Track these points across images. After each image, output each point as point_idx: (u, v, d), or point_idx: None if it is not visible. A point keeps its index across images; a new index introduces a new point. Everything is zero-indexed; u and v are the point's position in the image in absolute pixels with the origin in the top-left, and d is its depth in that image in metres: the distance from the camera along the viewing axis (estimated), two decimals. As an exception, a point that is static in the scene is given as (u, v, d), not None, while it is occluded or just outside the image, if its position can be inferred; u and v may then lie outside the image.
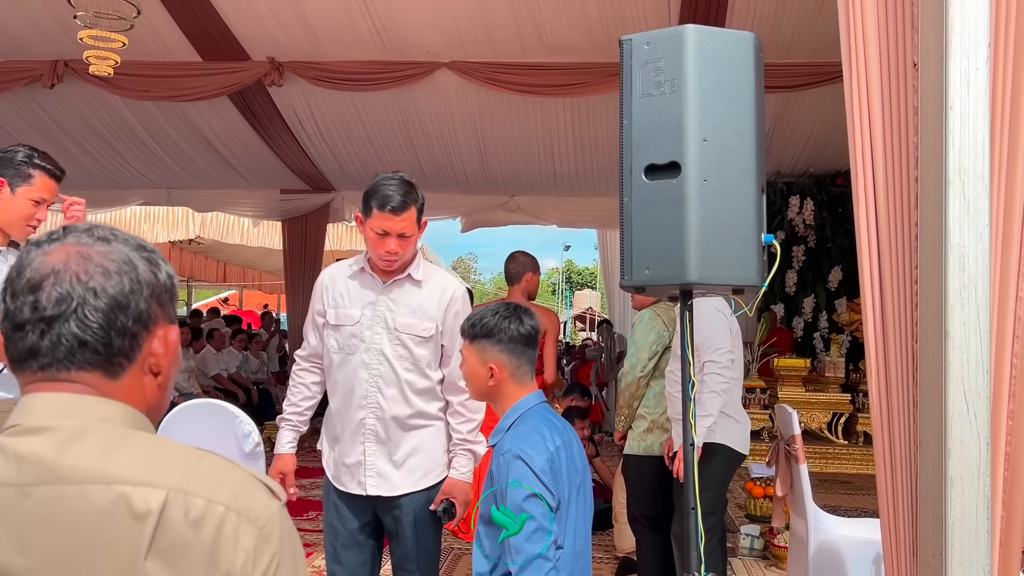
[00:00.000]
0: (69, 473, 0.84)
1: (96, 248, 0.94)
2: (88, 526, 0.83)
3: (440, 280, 2.61)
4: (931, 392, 1.75)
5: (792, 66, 5.78)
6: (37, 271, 0.91)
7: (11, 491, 0.83)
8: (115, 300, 0.92)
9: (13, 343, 0.91)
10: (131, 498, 0.84)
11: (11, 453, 0.85)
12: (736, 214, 1.68)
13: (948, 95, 1.71)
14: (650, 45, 1.69)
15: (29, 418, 0.89)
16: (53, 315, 0.89)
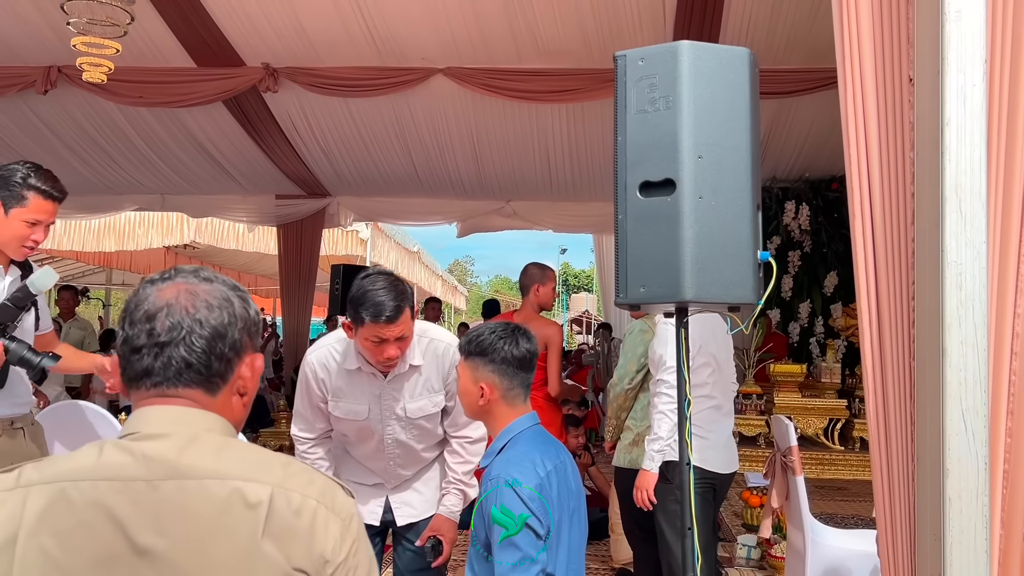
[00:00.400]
0: (190, 470, 1.02)
1: (201, 286, 1.13)
2: (211, 512, 1.00)
3: (436, 349, 2.52)
4: (929, 410, 1.73)
5: (787, 72, 5.78)
6: (153, 304, 1.09)
7: (142, 485, 1.00)
8: (216, 330, 1.10)
9: (131, 364, 1.09)
10: (244, 491, 1.02)
11: (139, 454, 1.02)
12: (731, 231, 1.67)
13: (944, 111, 1.70)
14: (645, 61, 1.68)
15: (147, 426, 1.06)
16: (166, 341, 1.08)
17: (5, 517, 0.98)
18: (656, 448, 2.97)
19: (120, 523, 0.98)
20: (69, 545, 0.97)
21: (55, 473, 1.01)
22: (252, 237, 11.13)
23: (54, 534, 0.97)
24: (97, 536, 0.98)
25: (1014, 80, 1.74)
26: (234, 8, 5.51)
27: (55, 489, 0.99)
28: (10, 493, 1.00)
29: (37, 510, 0.98)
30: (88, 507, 0.99)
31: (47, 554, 0.97)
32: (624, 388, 3.39)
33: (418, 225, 9.98)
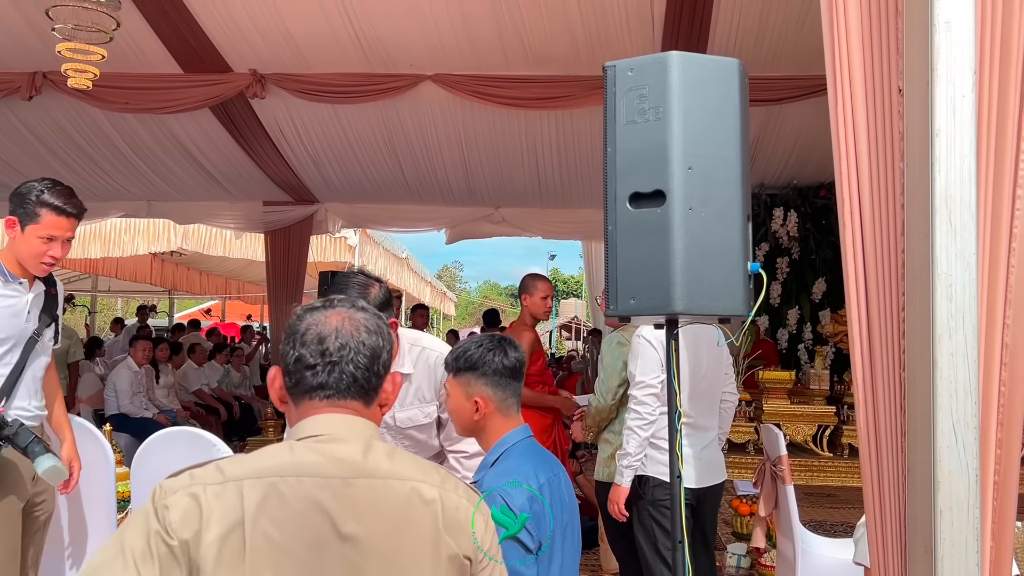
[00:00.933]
0: (375, 471, 1.23)
1: (359, 315, 1.34)
2: (398, 507, 1.22)
3: (427, 359, 2.52)
4: (919, 422, 1.73)
5: (776, 79, 5.79)
6: (323, 328, 1.31)
7: (339, 481, 1.20)
8: (374, 351, 1.32)
9: (304, 378, 1.29)
10: (419, 490, 1.24)
11: (329, 455, 1.22)
12: (721, 243, 1.66)
13: (934, 121, 1.69)
14: (634, 72, 1.67)
15: (327, 430, 1.26)
16: (337, 360, 1.29)
17: (228, 506, 1.15)
18: (625, 464, 2.97)
19: (327, 513, 1.18)
20: (288, 530, 1.15)
21: (258, 469, 1.19)
22: (239, 244, 11.07)
23: (274, 522, 1.15)
24: (310, 524, 1.17)
25: (1003, 90, 1.74)
26: (221, 14, 5.48)
27: (266, 483, 1.17)
28: (222, 486, 1.16)
29: (256, 501, 1.16)
30: (299, 500, 1.17)
31: (271, 538, 1.14)
32: (608, 403, 3.36)
33: (406, 231, 9.95)
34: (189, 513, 1.14)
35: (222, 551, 1.12)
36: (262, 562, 1.14)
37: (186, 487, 1.16)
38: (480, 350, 1.97)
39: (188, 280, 15.07)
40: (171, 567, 1.11)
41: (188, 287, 15.42)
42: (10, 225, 2.55)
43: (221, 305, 19.38)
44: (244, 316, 18.78)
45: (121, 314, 18.94)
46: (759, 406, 7.55)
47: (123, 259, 12.37)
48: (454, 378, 2.01)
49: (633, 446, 2.94)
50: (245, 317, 18.55)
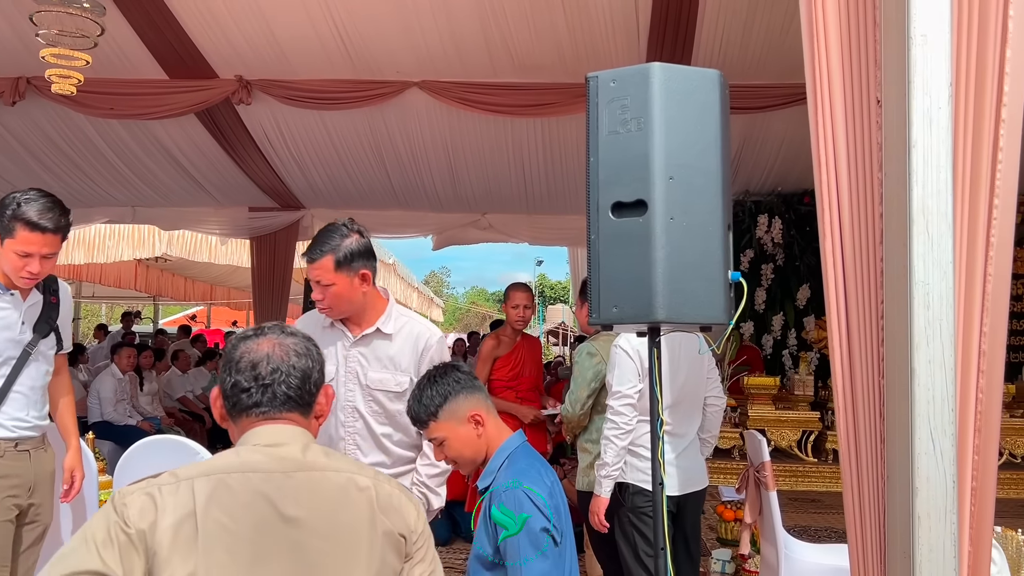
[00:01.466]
0: (313, 465, 1.38)
1: (288, 340, 1.49)
2: (335, 492, 1.37)
3: (413, 329, 2.57)
4: (898, 429, 1.75)
5: (760, 87, 5.84)
6: (255, 355, 1.45)
7: (280, 475, 1.34)
8: (304, 372, 1.47)
9: (240, 400, 1.43)
10: (355, 479, 1.40)
11: (271, 455, 1.37)
12: (702, 252, 1.68)
13: (911, 133, 1.72)
14: (616, 83, 1.68)
15: (268, 439, 1.40)
16: (268, 382, 1.43)
17: (182, 499, 1.28)
18: (604, 474, 2.99)
19: (270, 500, 1.31)
20: (235, 516, 1.29)
21: (207, 468, 1.33)
22: (225, 250, 11.03)
23: (223, 509, 1.28)
24: (256, 510, 1.30)
25: (979, 102, 1.77)
26: (206, 20, 5.47)
27: (215, 479, 1.31)
28: (177, 484, 1.30)
29: (206, 493, 1.29)
30: (245, 491, 1.31)
31: (221, 524, 1.27)
32: (577, 414, 3.37)
33: (393, 238, 9.94)
34: (145, 507, 1.26)
35: (176, 536, 1.25)
36: (213, 544, 1.26)
37: (141, 489, 1.30)
38: (449, 375, 2.03)
39: (173, 286, 14.99)
40: (129, 552, 1.23)
41: (173, 293, 15.34)
42: None
43: (206, 311, 19.29)
44: (230, 322, 18.70)
45: (105, 320, 18.80)
46: (744, 412, 7.59)
47: (107, 265, 12.29)
48: (441, 415, 2.01)
49: (611, 456, 2.95)
50: (231, 323, 18.47)
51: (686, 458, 3.08)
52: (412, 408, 2.06)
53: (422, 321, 2.66)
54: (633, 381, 2.94)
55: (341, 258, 2.43)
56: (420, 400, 2.03)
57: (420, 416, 2.04)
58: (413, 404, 2.05)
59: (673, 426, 3.03)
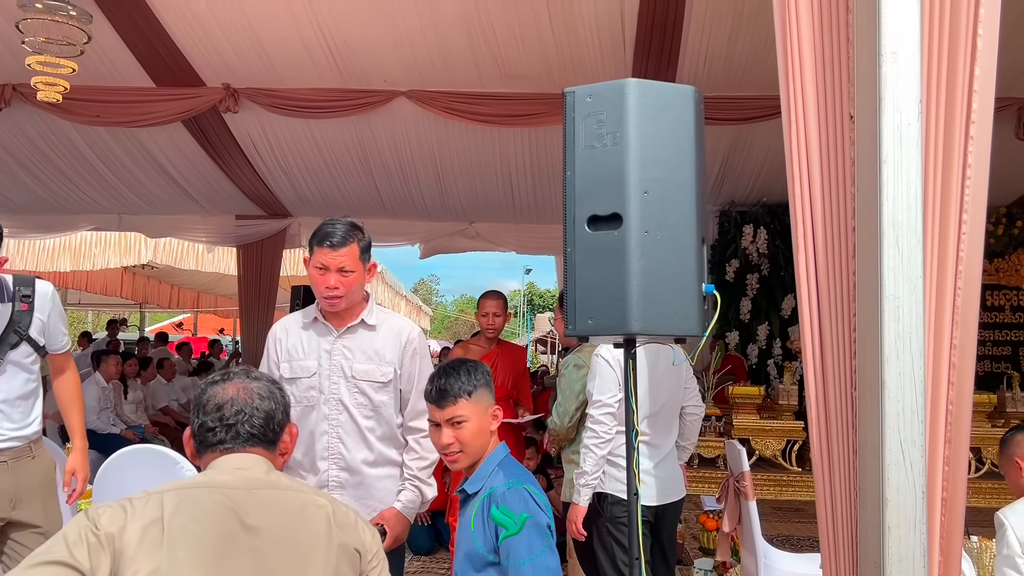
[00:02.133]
0: (276, 484, 1.51)
1: (253, 384, 1.61)
2: (295, 509, 1.48)
3: (395, 323, 2.63)
4: (869, 440, 1.77)
5: (744, 99, 5.90)
6: (220, 398, 1.57)
7: (243, 492, 1.45)
8: (267, 413, 1.59)
9: (207, 439, 1.56)
10: (313, 498, 1.52)
11: (237, 475, 1.49)
12: (676, 265, 1.70)
13: (882, 149, 1.75)
14: (592, 98, 1.71)
15: (233, 465, 1.52)
16: (232, 423, 1.56)
17: (151, 508, 1.38)
18: (582, 483, 3.01)
19: (234, 511, 1.41)
20: (201, 523, 1.38)
21: (176, 485, 1.44)
22: (211, 257, 11.00)
23: (188, 517, 1.38)
24: (219, 518, 1.39)
25: (949, 119, 1.80)
26: (193, 28, 5.48)
27: (183, 493, 1.41)
28: (148, 497, 1.40)
29: (173, 504, 1.39)
30: (210, 502, 1.41)
31: (186, 528, 1.36)
32: (565, 427, 3.36)
33: (380, 246, 9.94)
34: (116, 515, 1.37)
35: (143, 539, 1.34)
36: (178, 546, 1.35)
37: (116, 503, 1.40)
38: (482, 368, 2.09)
39: (159, 293, 14.93)
40: (97, 551, 1.32)
41: (159, 300, 15.27)
42: None
43: (193, 318, 19.21)
44: (216, 330, 18.62)
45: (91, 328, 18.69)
46: (729, 421, 7.62)
47: (93, 272, 12.24)
48: (474, 396, 2.05)
49: (590, 464, 2.97)
50: (217, 331, 18.39)
51: (664, 468, 3.10)
52: (449, 382, 2.06)
53: (401, 317, 2.73)
54: (613, 390, 2.95)
55: (363, 247, 2.54)
56: (460, 376, 2.06)
57: (454, 390, 2.05)
58: (450, 379, 2.06)
59: (651, 436, 3.05)
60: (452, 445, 2.07)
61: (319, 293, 2.52)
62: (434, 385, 2.08)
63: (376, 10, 5.17)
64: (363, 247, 2.53)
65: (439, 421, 2.08)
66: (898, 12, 1.73)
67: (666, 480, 3.09)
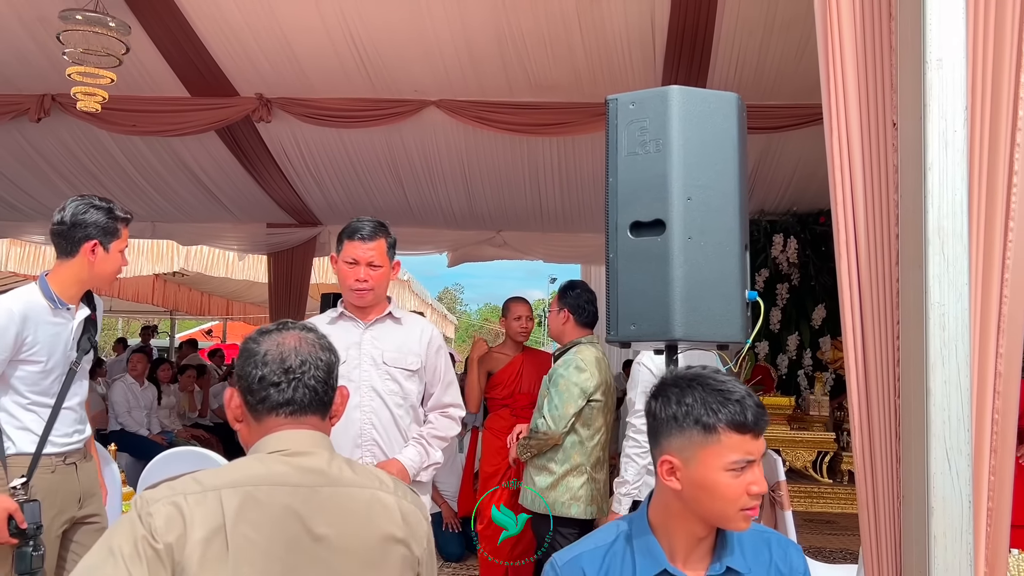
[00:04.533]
0: (339, 480, 1.36)
1: (310, 335, 1.47)
2: (362, 513, 1.36)
3: (417, 321, 2.77)
4: (914, 449, 1.76)
5: (775, 108, 5.86)
6: (282, 348, 1.42)
7: (306, 490, 1.32)
8: (329, 365, 1.46)
9: (270, 396, 1.39)
10: (379, 495, 1.40)
11: (296, 466, 1.34)
12: (720, 271, 1.70)
13: (927, 156, 1.74)
14: (635, 105, 1.72)
15: (293, 445, 1.37)
16: (299, 375, 1.40)
17: (209, 512, 1.24)
18: (623, 492, 3.00)
19: (299, 517, 1.29)
20: (265, 533, 1.26)
21: (233, 479, 1.29)
22: (242, 265, 11.12)
23: (252, 525, 1.25)
24: (285, 526, 1.28)
25: (994, 125, 1.79)
26: (228, 38, 5.56)
27: (242, 491, 1.27)
28: (202, 495, 1.25)
29: (234, 507, 1.25)
30: (273, 505, 1.28)
31: (251, 540, 1.24)
32: (560, 431, 3.23)
33: (409, 255, 9.99)
34: (172, 519, 1.22)
35: (206, 552, 1.21)
36: (243, 561, 1.23)
37: (167, 497, 1.25)
38: None
39: (190, 301, 15.10)
40: (157, 568, 1.19)
41: (189, 308, 15.45)
42: (90, 249, 2.57)
43: (222, 326, 19.40)
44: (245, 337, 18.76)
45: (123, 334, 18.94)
46: (759, 432, 7.55)
47: (126, 279, 12.42)
48: None
49: (631, 474, 2.96)
50: (246, 338, 18.52)
51: None
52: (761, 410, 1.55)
53: (419, 317, 2.87)
54: None
55: (391, 243, 2.66)
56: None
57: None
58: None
59: None
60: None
61: (348, 287, 2.60)
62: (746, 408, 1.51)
63: (407, 20, 5.22)
64: (390, 244, 2.65)
65: (755, 457, 1.53)
66: (944, 19, 1.73)
67: None
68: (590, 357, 3.34)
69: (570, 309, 3.50)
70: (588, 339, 3.47)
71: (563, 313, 3.51)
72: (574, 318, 3.49)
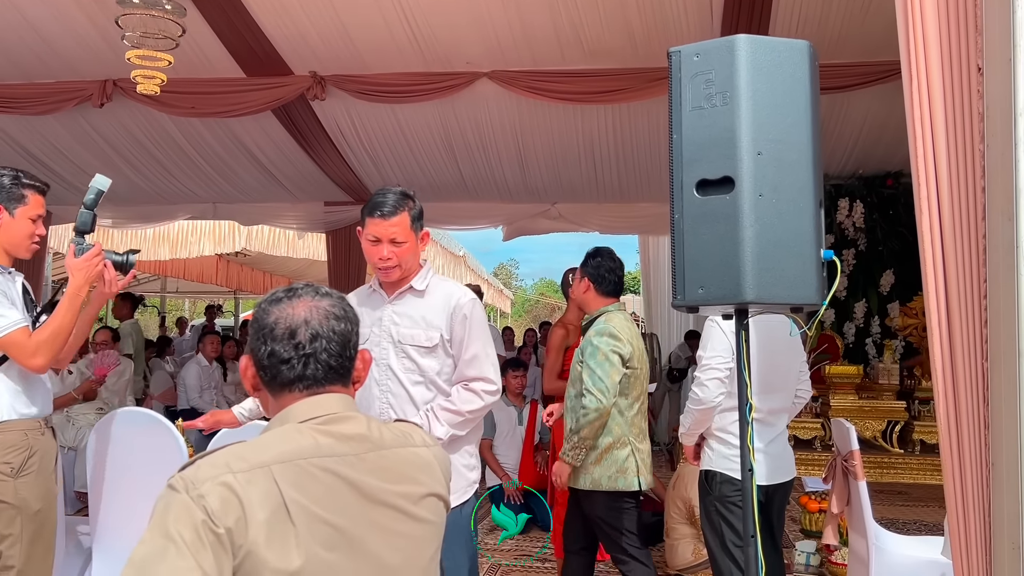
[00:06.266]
0: (381, 443, 1.34)
1: (323, 302, 1.37)
2: (408, 467, 1.36)
3: (446, 289, 2.63)
4: (1004, 413, 1.66)
5: (840, 67, 5.63)
6: (291, 320, 1.33)
7: (353, 458, 1.28)
8: (343, 337, 1.36)
9: (281, 373, 1.32)
10: (416, 452, 1.39)
11: (338, 435, 1.29)
12: (793, 230, 1.62)
13: (1017, 100, 1.62)
14: (700, 57, 1.63)
15: (325, 410, 1.32)
16: (310, 351, 1.32)
17: (264, 491, 1.17)
18: (684, 431, 3.06)
19: (352, 484, 1.26)
20: (324, 505, 1.22)
21: (280, 454, 1.22)
22: (302, 244, 11.27)
23: (312, 499, 1.20)
24: (341, 496, 1.24)
25: (1091, 66, 1.66)
26: (281, 17, 5.58)
27: (296, 469, 1.21)
28: (251, 473, 1.18)
29: (290, 482, 1.19)
30: (326, 476, 1.23)
31: (312, 513, 1.19)
32: (610, 403, 3.11)
33: (464, 229, 9.99)
34: (227, 501, 1.14)
35: (271, 533, 1.15)
36: (311, 537, 1.18)
37: (215, 476, 1.16)
38: None
39: (252, 280, 15.40)
40: (220, 555, 1.11)
41: (252, 287, 15.76)
42: None
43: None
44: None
45: (188, 315, 19.47)
46: (826, 402, 7.38)
47: (190, 260, 12.71)
48: None
49: (688, 423, 2.98)
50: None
51: (776, 447, 3.00)
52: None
53: (457, 284, 2.72)
54: (724, 356, 2.84)
55: (415, 215, 2.56)
56: None
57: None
58: None
59: (764, 413, 2.94)
60: None
61: (372, 264, 2.55)
62: None
63: (458, -10, 5.16)
64: (414, 216, 2.55)
65: None
66: (1036, -50, 1.60)
67: (778, 458, 2.98)
68: (622, 324, 3.25)
69: (591, 278, 3.37)
70: (615, 307, 3.37)
71: (584, 282, 3.39)
72: (595, 287, 3.37)
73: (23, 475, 2.55)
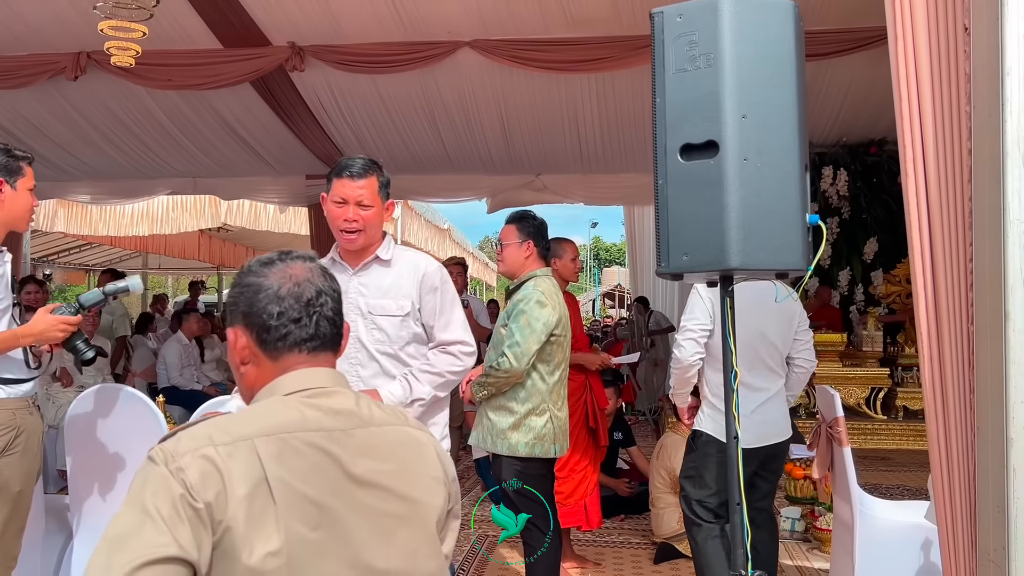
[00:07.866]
0: (371, 419, 1.29)
1: (313, 265, 1.36)
2: (398, 446, 1.30)
3: (411, 258, 2.59)
4: (990, 377, 1.65)
5: (822, 33, 5.58)
6: (293, 280, 1.31)
7: (340, 433, 1.24)
8: (337, 296, 1.36)
9: (291, 332, 1.29)
10: (408, 430, 1.34)
11: (326, 409, 1.25)
12: (778, 194, 1.59)
13: (1004, 60, 1.60)
14: (683, 18, 1.60)
15: (314, 383, 1.28)
16: (317, 308, 1.31)
17: (246, 464, 1.13)
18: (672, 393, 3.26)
19: (338, 461, 1.21)
20: (308, 481, 1.17)
21: (264, 427, 1.19)
22: (284, 218, 11.16)
23: (294, 474, 1.16)
24: (325, 472, 1.19)
25: (1079, 25, 1.64)
26: (258, -13, 5.47)
27: (277, 439, 1.17)
28: (233, 446, 1.14)
29: (272, 456, 1.15)
30: (311, 451, 1.19)
31: (294, 489, 1.15)
32: (523, 368, 3.07)
33: (448, 202, 9.92)
34: (207, 474, 1.10)
35: (251, 509, 1.11)
36: (291, 513, 1.14)
37: (195, 449, 1.12)
38: None
39: (235, 255, 15.27)
40: (199, 530, 1.08)
41: (235, 262, 15.62)
42: None
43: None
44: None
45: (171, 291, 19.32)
46: (810, 369, 7.42)
47: (171, 236, 12.57)
48: None
49: (672, 382, 3.17)
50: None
51: (764, 412, 3.05)
52: None
53: (420, 253, 2.70)
54: (700, 319, 2.97)
55: (383, 182, 2.51)
56: None
57: None
58: None
59: (749, 378, 2.97)
60: None
61: (337, 227, 2.48)
62: None
63: (438, -43, 5.06)
64: (382, 183, 2.51)
65: None
66: (1024, -95, 1.57)
67: (765, 423, 3.04)
68: (550, 290, 3.21)
69: (534, 239, 3.31)
70: (544, 271, 3.31)
71: (527, 244, 3.30)
72: (537, 250, 3.32)
73: (8, 454, 2.51)
